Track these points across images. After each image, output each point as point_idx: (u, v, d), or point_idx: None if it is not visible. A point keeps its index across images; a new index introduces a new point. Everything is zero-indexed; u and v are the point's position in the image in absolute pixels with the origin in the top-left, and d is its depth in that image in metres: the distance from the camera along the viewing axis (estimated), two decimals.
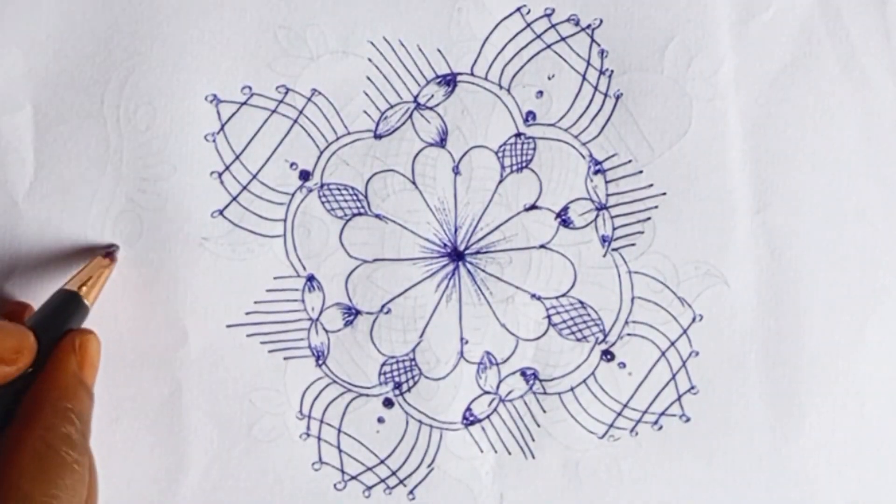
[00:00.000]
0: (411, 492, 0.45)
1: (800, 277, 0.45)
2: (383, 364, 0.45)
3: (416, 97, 0.45)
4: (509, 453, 0.45)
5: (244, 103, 0.44)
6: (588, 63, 0.45)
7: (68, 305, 0.41)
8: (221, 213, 0.44)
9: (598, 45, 0.45)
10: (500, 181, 0.45)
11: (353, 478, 0.45)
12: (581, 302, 0.45)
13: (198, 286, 0.44)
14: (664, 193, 0.45)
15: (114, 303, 0.44)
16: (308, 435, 0.45)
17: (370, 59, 0.44)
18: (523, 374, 0.45)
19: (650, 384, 0.45)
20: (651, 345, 0.45)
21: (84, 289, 0.41)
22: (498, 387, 0.45)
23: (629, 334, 0.45)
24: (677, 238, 0.45)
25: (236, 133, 0.44)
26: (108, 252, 0.43)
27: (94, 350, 0.40)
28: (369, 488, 0.45)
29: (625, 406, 0.45)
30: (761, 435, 0.45)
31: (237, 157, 0.44)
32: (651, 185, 0.45)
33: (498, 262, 0.45)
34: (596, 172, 0.45)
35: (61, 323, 0.40)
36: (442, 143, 0.45)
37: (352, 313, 0.45)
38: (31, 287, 0.43)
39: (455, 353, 0.45)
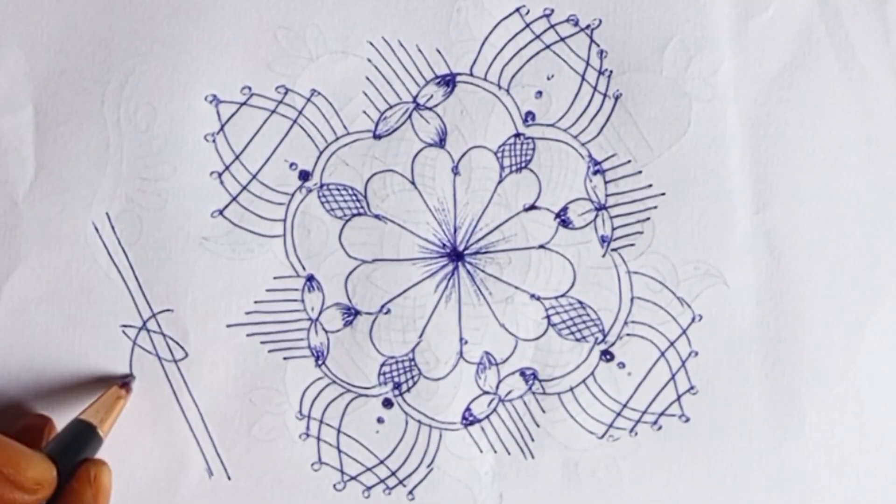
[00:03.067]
0: (411, 492, 0.45)
1: (799, 277, 0.45)
2: (383, 364, 0.45)
3: (415, 97, 0.45)
4: (509, 453, 0.45)
5: (244, 103, 0.44)
6: (587, 63, 0.45)
7: (84, 436, 0.41)
8: (221, 213, 0.44)
9: (598, 45, 0.45)
10: (500, 181, 0.45)
11: (353, 478, 0.45)
12: (580, 302, 0.45)
13: (198, 286, 0.44)
14: (663, 193, 0.45)
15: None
16: (307, 435, 0.45)
17: (369, 60, 0.44)
18: (523, 374, 0.45)
19: (649, 384, 0.45)
20: (650, 345, 0.45)
21: (99, 420, 0.41)
22: (497, 387, 0.45)
23: (628, 334, 0.45)
24: (677, 238, 0.45)
25: (236, 133, 0.44)
26: (124, 383, 0.43)
27: (107, 481, 0.41)
28: (369, 489, 0.45)
29: (624, 406, 0.45)
30: (761, 435, 0.45)
31: (237, 158, 0.44)
32: (650, 186, 0.45)
33: (497, 262, 0.45)
34: (595, 172, 0.45)
35: (77, 454, 0.40)
36: (441, 143, 0.45)
37: (351, 313, 0.45)
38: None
39: (454, 354, 0.45)
